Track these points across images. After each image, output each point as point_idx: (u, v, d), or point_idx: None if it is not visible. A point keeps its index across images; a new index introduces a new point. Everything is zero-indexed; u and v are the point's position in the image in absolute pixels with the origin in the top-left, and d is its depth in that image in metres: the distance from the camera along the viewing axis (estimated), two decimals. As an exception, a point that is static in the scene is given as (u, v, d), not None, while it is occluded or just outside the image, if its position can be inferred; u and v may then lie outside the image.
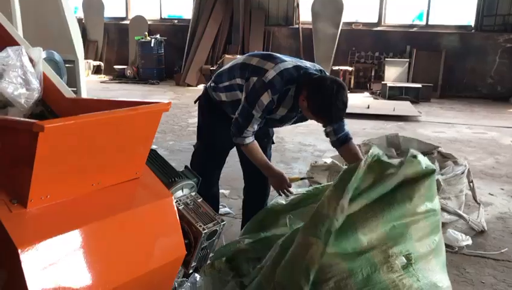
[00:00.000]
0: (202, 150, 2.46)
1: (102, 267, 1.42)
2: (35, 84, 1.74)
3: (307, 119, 2.25)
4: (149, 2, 10.38)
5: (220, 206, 2.73)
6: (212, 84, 2.33)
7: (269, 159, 2.47)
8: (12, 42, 2.04)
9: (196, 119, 2.51)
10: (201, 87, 9.03)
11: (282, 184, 2.26)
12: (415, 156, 1.70)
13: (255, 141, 2.22)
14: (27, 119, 1.23)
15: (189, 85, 9.14)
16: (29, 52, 1.86)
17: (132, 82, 9.53)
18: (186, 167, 2.05)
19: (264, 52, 2.30)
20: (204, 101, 2.41)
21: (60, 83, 1.90)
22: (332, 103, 2.01)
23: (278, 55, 2.23)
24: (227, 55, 8.95)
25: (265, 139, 2.45)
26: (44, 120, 1.19)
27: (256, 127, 2.16)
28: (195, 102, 2.48)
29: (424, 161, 1.72)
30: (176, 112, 6.67)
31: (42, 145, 1.22)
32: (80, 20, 10.38)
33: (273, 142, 2.53)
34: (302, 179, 2.38)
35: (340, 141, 2.31)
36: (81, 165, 1.40)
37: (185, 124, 5.93)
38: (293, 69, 2.12)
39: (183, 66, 9.41)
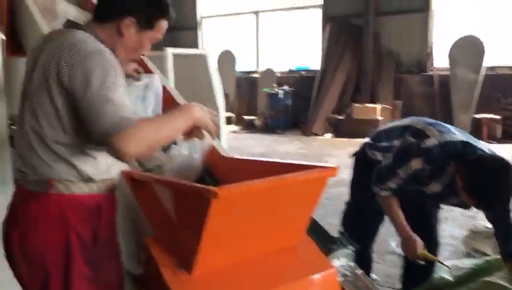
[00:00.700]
0: (356, 208, 2.30)
1: None
2: (198, 160, 1.77)
3: (470, 207, 1.95)
4: (278, 55, 10.82)
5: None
6: (369, 142, 2.19)
7: (436, 224, 2.20)
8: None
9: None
10: (328, 136, 8.96)
11: (413, 253, 1.98)
12: None
13: (394, 198, 2.03)
14: (200, 185, 1.21)
15: (315, 134, 9.12)
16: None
17: (260, 132, 9.85)
18: (341, 232, 1.90)
19: (432, 120, 2.07)
20: (360, 157, 2.28)
21: (217, 142, 1.93)
22: (488, 185, 1.72)
23: (447, 126, 2.01)
24: (355, 104, 8.79)
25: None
26: (217, 186, 1.16)
27: (395, 186, 1.98)
28: (352, 156, 2.35)
29: None
30: (304, 161, 6.60)
31: (213, 212, 1.18)
32: (214, 75, 11.22)
33: (438, 207, 2.26)
34: (438, 261, 2.05)
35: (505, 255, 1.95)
36: (245, 232, 1.35)
37: (315, 176, 5.81)
38: (459, 144, 1.88)
39: (309, 115, 9.46)
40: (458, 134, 1.95)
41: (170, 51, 3.49)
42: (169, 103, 2.36)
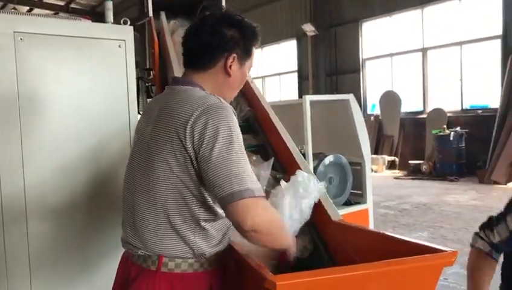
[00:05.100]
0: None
1: None
2: (297, 221, 1.56)
3: None
4: (448, 94, 9.80)
5: None
6: None
7: None
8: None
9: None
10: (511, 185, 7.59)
11: None
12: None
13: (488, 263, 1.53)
14: (263, 271, 1.00)
15: (495, 183, 7.81)
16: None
17: (427, 178, 8.92)
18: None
19: None
20: None
21: (330, 206, 1.69)
22: None
23: None
24: (548, 148, 7.28)
25: None
26: (279, 275, 0.94)
27: (498, 239, 1.51)
28: None
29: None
30: (477, 217, 5.64)
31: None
32: (376, 117, 10.75)
33: None
34: None
35: None
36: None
37: (489, 234, 4.86)
38: None
39: (488, 160, 8.20)
40: None
41: (308, 98, 3.37)
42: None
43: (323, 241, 1.68)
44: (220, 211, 1.25)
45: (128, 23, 2.40)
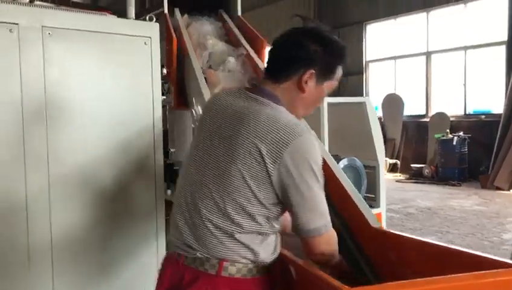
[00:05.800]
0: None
1: None
2: None
3: None
4: (452, 98, 9.81)
5: None
6: None
7: None
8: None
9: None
10: (515, 191, 7.61)
11: None
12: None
13: None
14: (333, 281, 0.97)
15: (498, 188, 7.83)
16: None
17: (429, 182, 8.92)
18: None
19: None
20: None
21: (368, 211, 1.66)
22: None
23: None
24: (552, 155, 7.30)
25: None
26: (354, 287, 0.90)
27: None
28: None
29: None
30: (483, 223, 5.64)
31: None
32: (379, 119, 10.73)
33: None
34: None
35: None
36: None
37: (497, 240, 4.87)
38: None
39: (491, 166, 8.21)
40: None
41: (326, 100, 3.34)
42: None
43: (360, 249, 1.64)
44: (279, 225, 1.26)
45: (154, 19, 2.36)
